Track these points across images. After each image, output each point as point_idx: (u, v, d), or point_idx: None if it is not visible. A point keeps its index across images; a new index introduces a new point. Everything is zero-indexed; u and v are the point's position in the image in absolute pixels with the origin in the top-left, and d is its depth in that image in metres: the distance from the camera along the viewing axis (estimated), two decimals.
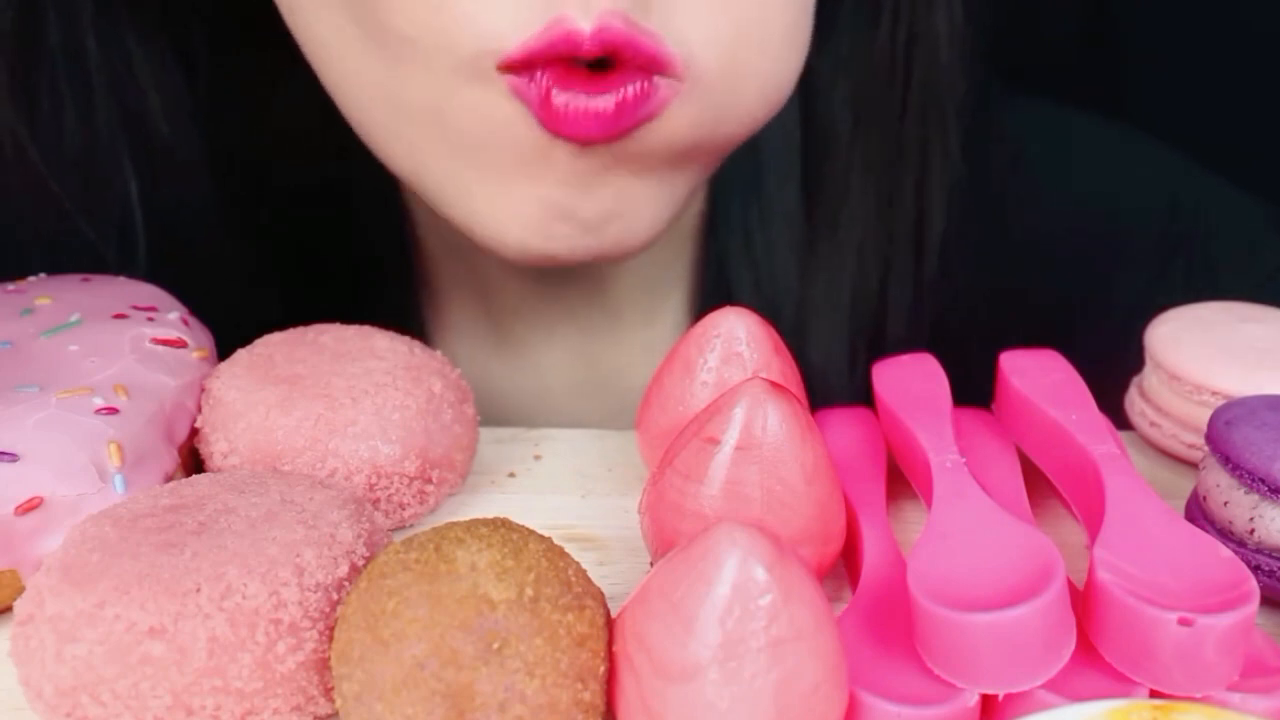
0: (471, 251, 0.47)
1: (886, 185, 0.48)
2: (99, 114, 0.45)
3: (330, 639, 0.26)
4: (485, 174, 0.37)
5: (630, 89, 0.34)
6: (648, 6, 0.34)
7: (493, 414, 0.50)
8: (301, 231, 0.49)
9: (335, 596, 0.26)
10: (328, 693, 0.26)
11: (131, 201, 0.46)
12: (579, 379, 0.50)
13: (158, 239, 0.47)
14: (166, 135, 0.46)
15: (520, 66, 0.34)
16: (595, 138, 0.35)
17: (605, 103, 0.34)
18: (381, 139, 0.39)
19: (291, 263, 0.49)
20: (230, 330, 0.38)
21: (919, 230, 0.49)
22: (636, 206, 0.38)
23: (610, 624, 0.26)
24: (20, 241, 0.46)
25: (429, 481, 0.35)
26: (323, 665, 0.26)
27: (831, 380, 0.46)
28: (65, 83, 0.45)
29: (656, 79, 0.35)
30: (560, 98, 0.34)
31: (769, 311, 0.47)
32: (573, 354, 0.50)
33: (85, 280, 0.40)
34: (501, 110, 0.35)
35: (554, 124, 0.34)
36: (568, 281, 0.48)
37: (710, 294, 0.49)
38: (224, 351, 0.37)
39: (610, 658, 0.25)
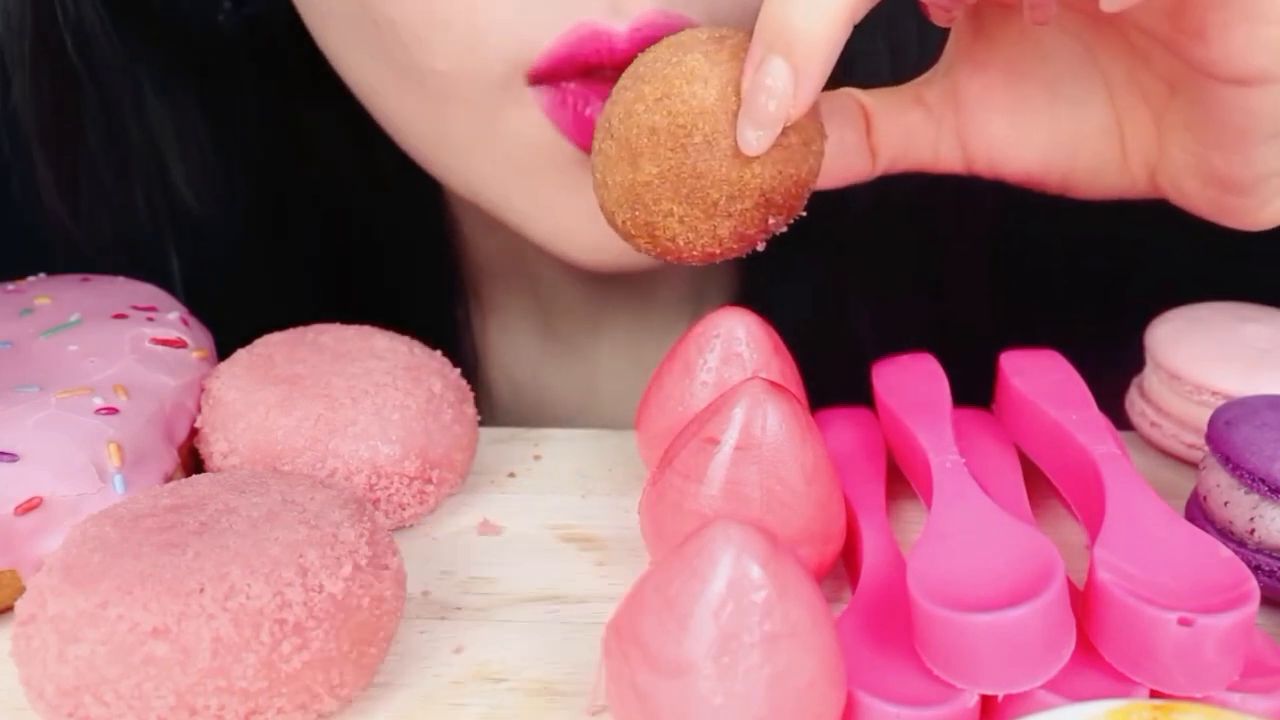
0: (520, 253, 0.47)
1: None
2: (136, 196, 0.46)
3: (335, 638, 0.26)
4: (539, 195, 0.38)
5: None
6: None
7: (542, 413, 0.50)
8: (345, 246, 0.50)
9: (339, 596, 0.26)
10: (333, 691, 0.26)
11: (172, 272, 0.47)
12: (630, 376, 0.51)
13: (196, 281, 0.48)
14: (197, 208, 0.47)
15: (548, 74, 0.34)
16: None
17: None
18: (437, 170, 0.40)
19: (335, 276, 0.50)
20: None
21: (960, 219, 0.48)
22: None
23: None
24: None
25: (429, 481, 0.35)
26: (328, 664, 0.26)
27: (811, 361, 0.45)
28: (105, 169, 0.45)
29: None
30: (591, 109, 0.34)
31: (811, 299, 0.47)
32: (623, 350, 0.50)
33: (85, 280, 0.40)
34: (540, 134, 0.36)
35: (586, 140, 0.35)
36: (618, 279, 0.48)
37: (757, 285, 0.49)
38: (224, 352, 0.37)
39: (605, 655, 0.25)
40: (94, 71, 0.44)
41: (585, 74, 0.34)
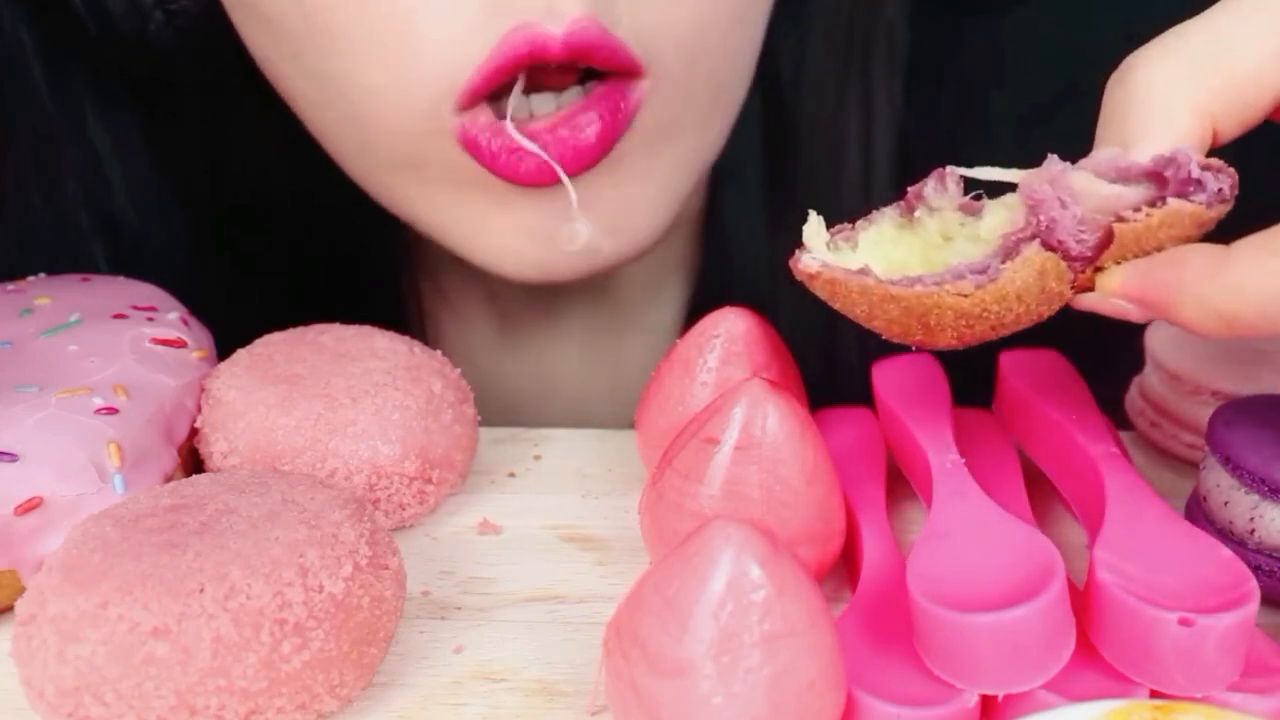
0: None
1: (836, 145, 0.48)
2: (68, 213, 0.46)
3: (335, 638, 0.26)
4: (470, 216, 0.38)
5: (605, 113, 0.35)
6: (614, 12, 0.34)
7: (499, 406, 0.50)
8: (297, 248, 0.50)
9: (339, 596, 0.26)
10: (333, 691, 0.26)
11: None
12: (584, 368, 0.51)
13: None
14: (136, 223, 0.48)
15: (478, 92, 0.34)
16: (582, 168, 0.36)
17: (589, 135, 0.35)
18: (369, 188, 0.41)
19: (287, 279, 0.50)
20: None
21: (867, 185, 0.48)
22: (630, 217, 0.39)
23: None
24: None
25: (429, 481, 0.35)
26: (328, 664, 0.26)
27: (811, 361, 0.46)
28: (33, 188, 0.45)
29: (630, 83, 0.35)
30: (500, 143, 0.35)
31: (763, 293, 0.47)
32: (577, 343, 0.51)
33: (85, 280, 0.40)
34: (463, 161, 0.36)
35: (526, 177, 0.36)
36: None
37: (709, 277, 0.50)
38: (224, 351, 0.37)
39: (605, 655, 0.25)
40: (23, 92, 0.44)
41: (509, 82, 0.35)
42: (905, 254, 0.30)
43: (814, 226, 0.30)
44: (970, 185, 0.30)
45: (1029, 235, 0.27)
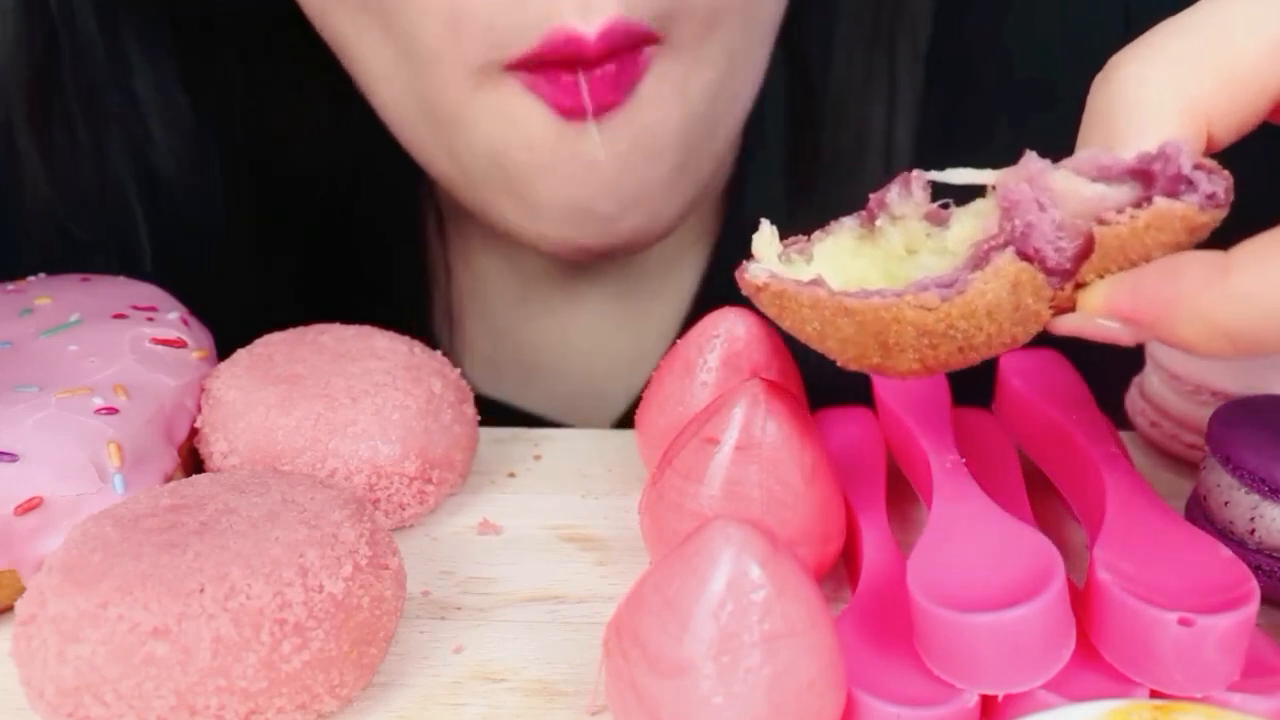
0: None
1: (860, 126, 0.49)
2: (111, 159, 0.47)
3: (335, 638, 0.26)
4: (512, 178, 0.39)
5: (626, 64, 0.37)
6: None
7: (518, 368, 0.52)
8: (327, 202, 0.51)
9: (339, 596, 0.26)
10: (333, 691, 0.26)
11: (140, 239, 0.48)
12: (602, 331, 0.52)
13: (164, 244, 0.49)
14: (175, 175, 0.49)
15: (523, 67, 0.36)
16: (610, 103, 0.37)
17: (605, 69, 0.37)
18: (416, 142, 0.42)
19: (315, 233, 0.51)
20: (243, 326, 0.39)
21: (888, 155, 0.49)
22: (652, 197, 0.40)
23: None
24: (14, 243, 0.47)
25: (429, 481, 0.35)
26: (328, 664, 0.26)
27: (811, 361, 0.46)
28: (82, 128, 0.46)
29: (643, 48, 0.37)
30: (566, 79, 0.37)
31: None
32: (596, 307, 0.51)
33: (85, 280, 0.40)
34: (520, 105, 0.37)
35: (570, 108, 0.37)
36: None
37: (727, 249, 0.50)
38: (224, 351, 0.37)
39: (605, 655, 0.25)
40: (75, 36, 0.45)
41: (558, 63, 0.36)
42: (865, 268, 0.28)
43: (765, 236, 0.28)
44: (939, 193, 0.27)
45: (1002, 242, 0.24)
